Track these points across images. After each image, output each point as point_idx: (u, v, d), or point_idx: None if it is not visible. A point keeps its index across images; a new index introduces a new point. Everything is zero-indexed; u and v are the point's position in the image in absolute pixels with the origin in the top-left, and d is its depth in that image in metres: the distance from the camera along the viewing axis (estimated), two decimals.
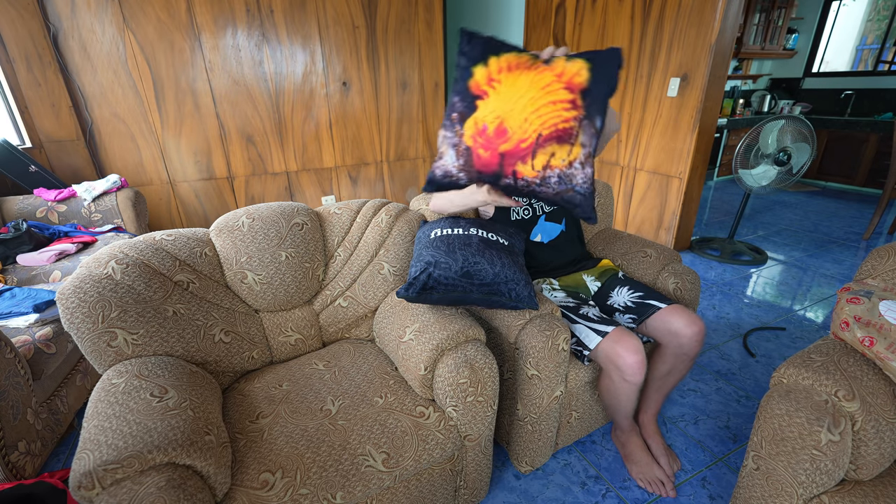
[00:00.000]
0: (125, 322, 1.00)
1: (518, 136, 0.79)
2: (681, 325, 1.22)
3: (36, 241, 1.93)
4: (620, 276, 1.44)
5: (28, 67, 2.32)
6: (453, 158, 0.84)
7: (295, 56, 2.91)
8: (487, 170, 0.83)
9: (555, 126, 0.78)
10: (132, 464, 0.73)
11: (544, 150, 0.79)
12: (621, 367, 1.15)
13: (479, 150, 0.82)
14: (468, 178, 0.85)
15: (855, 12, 4.71)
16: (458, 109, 0.84)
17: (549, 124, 0.78)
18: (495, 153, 0.81)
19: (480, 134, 0.82)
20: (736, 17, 2.39)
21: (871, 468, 0.84)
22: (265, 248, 1.24)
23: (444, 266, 1.14)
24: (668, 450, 1.37)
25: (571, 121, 0.78)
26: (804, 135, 2.49)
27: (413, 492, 1.03)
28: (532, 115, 0.79)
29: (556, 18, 3.28)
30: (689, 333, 1.21)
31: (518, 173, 0.82)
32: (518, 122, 0.79)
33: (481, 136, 0.81)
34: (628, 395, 1.22)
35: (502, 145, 0.81)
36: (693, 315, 1.24)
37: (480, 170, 0.84)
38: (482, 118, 0.82)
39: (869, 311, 0.94)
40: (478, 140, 0.82)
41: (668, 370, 1.30)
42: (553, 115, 0.78)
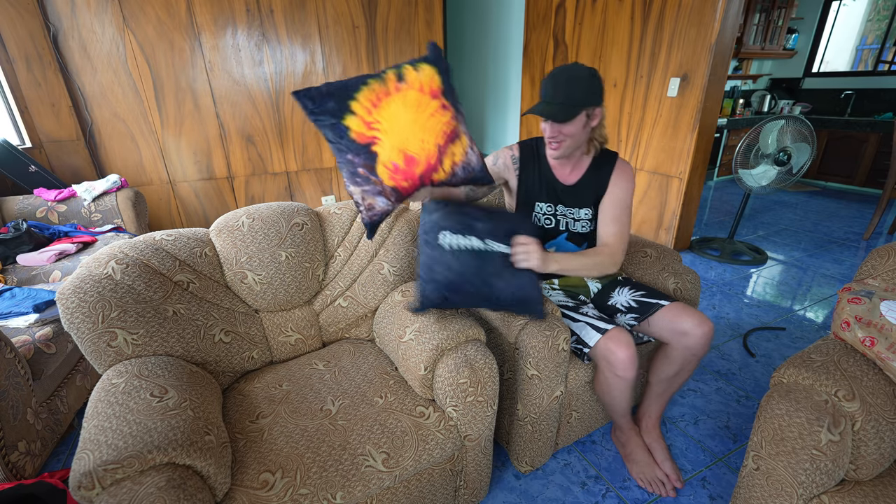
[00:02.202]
0: (125, 322, 1.00)
1: (425, 156, 0.89)
2: (690, 324, 1.20)
3: (36, 241, 1.93)
4: (620, 277, 1.44)
5: (28, 67, 2.32)
6: (385, 202, 0.93)
7: (295, 56, 2.91)
8: (412, 191, 0.95)
9: (444, 133, 0.89)
10: (132, 464, 0.73)
11: (447, 154, 0.90)
12: (613, 362, 1.16)
13: (402, 183, 0.91)
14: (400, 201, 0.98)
15: (855, 12, 4.71)
16: (360, 164, 0.89)
17: (440, 133, 0.88)
18: (415, 179, 0.91)
19: (395, 172, 0.89)
20: (736, 17, 2.39)
21: (871, 468, 0.84)
22: (265, 248, 1.24)
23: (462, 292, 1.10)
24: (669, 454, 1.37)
25: (451, 121, 0.89)
26: (804, 135, 2.49)
27: (413, 492, 1.03)
28: (425, 134, 0.87)
29: (556, 18, 3.28)
30: (699, 333, 1.20)
31: (435, 180, 0.93)
32: (417, 145, 0.88)
33: (397, 174, 0.89)
34: (622, 391, 1.22)
35: (417, 170, 0.90)
36: (702, 315, 1.22)
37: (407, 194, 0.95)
38: (388, 159, 0.88)
39: (870, 312, 0.94)
40: (396, 178, 0.90)
41: (675, 371, 1.28)
42: (438, 125, 0.88)
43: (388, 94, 0.87)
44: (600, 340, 1.18)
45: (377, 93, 0.87)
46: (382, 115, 0.86)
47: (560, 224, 1.37)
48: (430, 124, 0.87)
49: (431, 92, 0.87)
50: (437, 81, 0.88)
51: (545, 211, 1.37)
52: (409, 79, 0.87)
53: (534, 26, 3.49)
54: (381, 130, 0.86)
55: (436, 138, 0.88)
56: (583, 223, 1.36)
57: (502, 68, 4.34)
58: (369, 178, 0.89)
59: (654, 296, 1.31)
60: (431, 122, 0.87)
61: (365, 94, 0.86)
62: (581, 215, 1.35)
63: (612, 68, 2.95)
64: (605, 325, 1.20)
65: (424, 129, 0.87)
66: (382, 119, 0.86)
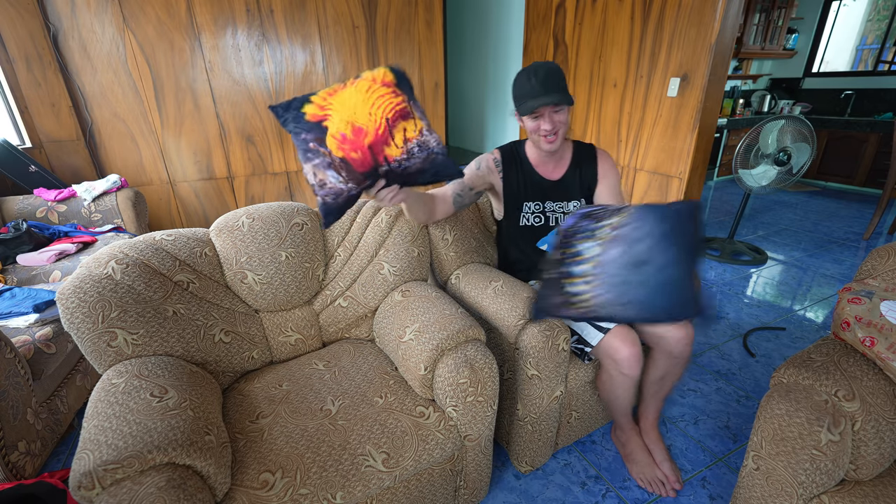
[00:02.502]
0: (125, 322, 1.00)
1: (372, 126, 0.92)
2: (668, 327, 1.21)
3: (36, 241, 1.93)
4: None
5: (28, 67, 2.32)
6: (336, 176, 0.93)
7: (295, 56, 2.91)
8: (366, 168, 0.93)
9: (394, 109, 0.92)
10: (132, 464, 0.73)
11: (397, 128, 0.92)
12: (618, 360, 1.16)
13: (351, 154, 0.92)
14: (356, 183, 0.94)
15: (855, 12, 4.71)
16: (311, 139, 0.94)
17: (389, 109, 0.92)
18: (364, 149, 0.92)
19: (343, 142, 0.92)
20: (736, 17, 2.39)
21: (871, 468, 0.84)
22: (265, 248, 1.24)
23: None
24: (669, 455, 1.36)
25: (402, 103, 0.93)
26: (804, 135, 2.48)
27: (413, 492, 1.03)
28: (372, 108, 0.92)
29: (556, 18, 3.28)
30: (676, 338, 1.20)
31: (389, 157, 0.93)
32: (365, 117, 0.92)
33: (345, 143, 0.92)
34: (625, 389, 1.22)
35: (365, 139, 0.92)
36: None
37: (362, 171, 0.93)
38: (336, 131, 0.92)
39: (870, 312, 0.94)
40: (344, 147, 0.92)
41: (661, 375, 1.29)
42: (388, 102, 0.92)
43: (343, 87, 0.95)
44: (604, 338, 1.18)
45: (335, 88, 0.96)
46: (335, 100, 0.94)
47: (549, 220, 1.39)
48: (378, 101, 0.92)
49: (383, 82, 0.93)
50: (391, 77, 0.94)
51: (533, 210, 1.39)
52: (363, 75, 0.96)
53: (534, 26, 3.49)
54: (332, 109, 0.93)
55: (384, 112, 0.92)
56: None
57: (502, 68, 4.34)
58: (318, 150, 0.93)
59: None
60: (380, 100, 0.92)
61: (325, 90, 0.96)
62: (570, 208, 1.39)
63: (612, 68, 2.95)
64: (607, 323, 1.20)
65: (373, 105, 0.92)
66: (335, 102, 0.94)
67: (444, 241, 1.45)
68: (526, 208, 1.39)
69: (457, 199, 1.33)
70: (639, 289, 0.91)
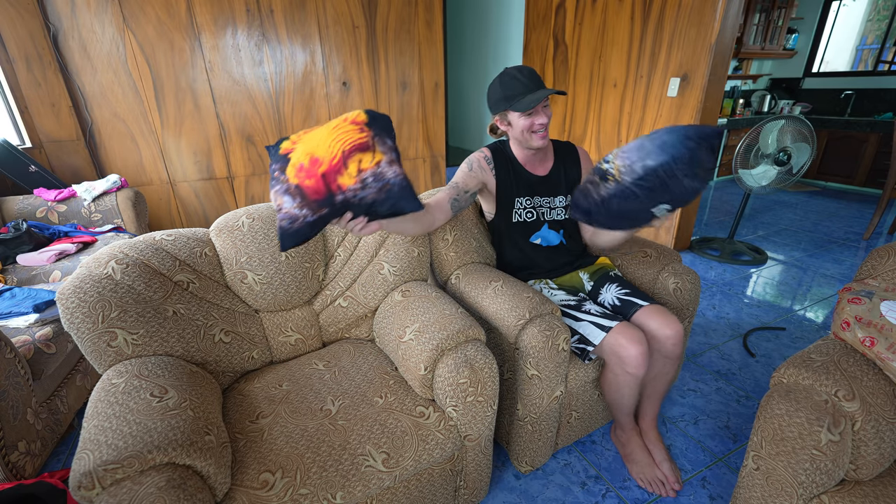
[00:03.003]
0: (125, 322, 1.00)
1: (328, 157, 0.95)
2: (656, 325, 1.23)
3: (36, 241, 1.93)
4: (612, 274, 1.45)
5: (28, 67, 2.32)
6: (291, 202, 0.97)
7: (295, 56, 2.91)
8: (320, 195, 0.96)
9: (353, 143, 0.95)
10: (132, 464, 0.73)
11: (352, 158, 0.95)
12: (624, 358, 1.16)
13: (305, 181, 0.96)
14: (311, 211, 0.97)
15: (855, 12, 4.71)
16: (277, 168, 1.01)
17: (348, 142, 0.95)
18: (318, 178, 0.95)
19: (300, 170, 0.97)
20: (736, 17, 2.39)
21: (871, 468, 0.84)
22: (265, 248, 1.24)
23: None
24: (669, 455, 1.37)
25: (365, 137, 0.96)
26: (804, 135, 2.48)
27: (413, 492, 1.03)
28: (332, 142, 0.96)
29: (556, 18, 3.28)
30: (664, 335, 1.22)
31: (342, 185, 0.96)
32: (324, 149, 0.96)
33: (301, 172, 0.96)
34: (630, 388, 1.22)
35: (320, 169, 0.95)
36: (669, 316, 1.24)
37: (315, 198, 0.97)
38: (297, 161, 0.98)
39: (870, 312, 0.94)
40: (300, 175, 0.96)
41: (653, 374, 1.30)
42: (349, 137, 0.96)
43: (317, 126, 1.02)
44: (609, 336, 1.18)
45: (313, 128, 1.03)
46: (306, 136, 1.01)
47: (540, 215, 1.43)
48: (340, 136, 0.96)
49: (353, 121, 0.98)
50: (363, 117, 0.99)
51: (525, 205, 1.42)
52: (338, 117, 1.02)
53: (534, 26, 3.49)
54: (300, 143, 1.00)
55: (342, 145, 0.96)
56: (558, 211, 1.43)
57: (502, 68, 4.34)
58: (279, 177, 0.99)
59: (637, 295, 1.32)
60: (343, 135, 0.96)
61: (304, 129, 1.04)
62: (556, 203, 1.43)
63: (612, 68, 2.95)
64: (610, 321, 1.21)
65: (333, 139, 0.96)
66: (305, 137, 1.00)
67: (444, 241, 1.45)
68: (518, 204, 1.41)
69: (454, 203, 1.34)
70: (656, 144, 1.01)
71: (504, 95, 1.26)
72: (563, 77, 3.36)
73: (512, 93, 1.25)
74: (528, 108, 1.22)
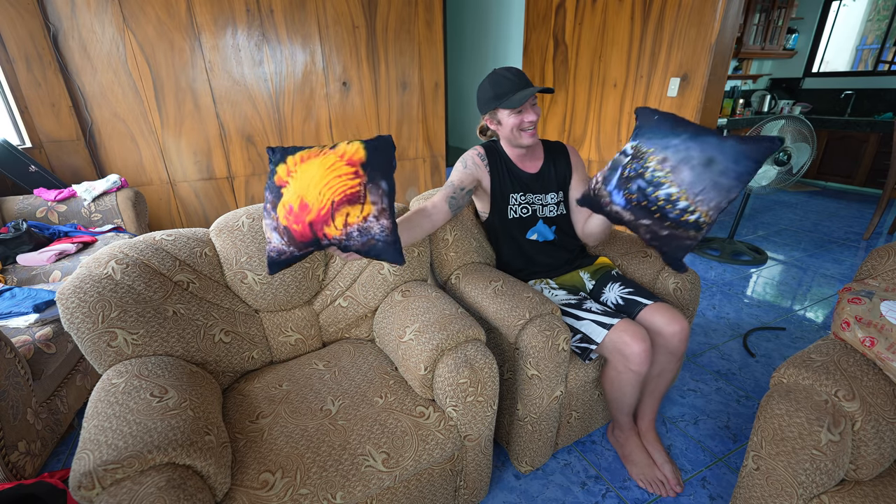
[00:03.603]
0: (125, 322, 1.00)
1: (317, 206, 0.97)
2: (663, 322, 1.24)
3: (36, 241, 1.93)
4: (614, 273, 1.45)
5: (28, 67, 2.32)
6: (279, 239, 1.01)
7: (295, 56, 2.91)
8: (305, 239, 1.00)
9: (343, 193, 0.96)
10: (132, 464, 0.73)
11: (340, 212, 0.96)
12: (627, 355, 1.16)
13: (293, 225, 0.99)
14: (298, 249, 1.01)
15: (855, 12, 4.71)
16: (270, 200, 1.02)
17: (339, 192, 0.96)
18: (305, 225, 0.98)
19: (290, 213, 0.99)
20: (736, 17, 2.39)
21: (871, 468, 0.84)
22: (265, 249, 1.24)
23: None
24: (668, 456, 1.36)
25: (357, 186, 0.96)
26: (804, 135, 2.49)
27: (413, 492, 1.03)
28: (324, 188, 0.96)
29: (556, 18, 3.28)
30: (670, 332, 1.22)
31: (328, 235, 0.98)
32: (314, 196, 0.97)
33: (290, 215, 0.98)
34: (632, 386, 1.22)
35: (307, 217, 0.97)
36: (675, 313, 1.25)
37: (301, 241, 1.00)
38: (287, 201, 0.99)
39: (870, 312, 0.94)
40: (289, 218, 0.99)
41: (657, 372, 1.30)
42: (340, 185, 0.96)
43: (316, 155, 1.00)
44: (613, 333, 1.18)
45: (311, 154, 1.01)
46: (301, 168, 1.00)
47: (535, 211, 1.44)
48: (332, 182, 0.96)
49: (349, 160, 0.97)
50: (361, 155, 0.98)
51: (520, 201, 1.43)
52: (337, 148, 1.00)
53: (534, 26, 3.49)
54: (293, 178, 1.00)
55: (332, 195, 0.96)
56: (550, 207, 1.44)
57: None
58: (271, 213, 1.02)
59: (641, 294, 1.33)
60: (335, 181, 0.96)
61: (303, 153, 1.02)
62: (548, 200, 1.44)
63: (612, 68, 2.96)
64: (611, 319, 1.21)
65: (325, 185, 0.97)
66: (300, 171, 1.00)
67: (444, 242, 1.45)
68: (513, 200, 1.42)
69: (451, 202, 1.35)
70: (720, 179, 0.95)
71: (494, 94, 1.28)
72: (563, 77, 3.36)
73: (502, 91, 1.27)
74: (518, 104, 1.23)
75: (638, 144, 1.04)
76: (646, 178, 1.01)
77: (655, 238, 1.04)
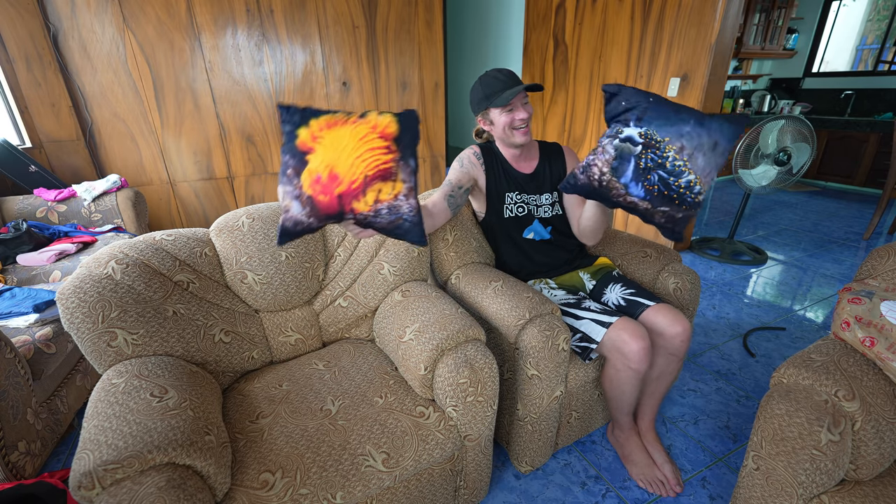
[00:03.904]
0: (125, 322, 1.00)
1: (349, 178, 0.93)
2: (665, 323, 1.23)
3: (36, 241, 1.93)
4: (615, 273, 1.45)
5: (28, 67, 2.32)
6: (299, 209, 0.95)
7: (295, 56, 2.91)
8: (330, 211, 0.95)
9: (377, 167, 0.93)
10: (132, 464, 0.73)
11: (372, 187, 0.93)
12: (626, 353, 1.16)
13: (319, 196, 0.94)
14: (318, 220, 0.97)
15: (855, 12, 4.71)
16: (292, 166, 0.95)
17: (372, 166, 0.93)
18: (333, 196, 0.93)
19: (316, 182, 0.93)
20: (736, 17, 2.39)
21: (871, 468, 0.84)
22: (265, 248, 1.24)
23: None
24: (669, 456, 1.36)
25: (390, 162, 0.93)
26: (804, 135, 2.48)
27: (413, 492, 1.03)
28: (357, 160, 0.93)
29: (556, 18, 3.28)
30: (673, 333, 1.22)
31: (355, 210, 0.95)
32: (346, 167, 0.93)
33: (318, 184, 0.93)
34: (632, 385, 1.22)
35: (337, 188, 0.93)
36: (678, 314, 1.25)
37: (326, 213, 0.95)
38: (315, 169, 0.94)
39: (870, 312, 0.94)
40: (315, 188, 0.94)
41: (657, 373, 1.30)
42: (374, 159, 0.93)
43: (344, 122, 0.95)
44: (610, 332, 1.19)
45: (337, 119, 0.96)
46: (329, 135, 0.94)
47: (531, 210, 1.44)
48: (365, 155, 0.93)
49: (382, 133, 0.94)
50: (393, 129, 0.94)
51: (516, 200, 1.43)
52: (368, 118, 0.96)
53: (534, 26, 3.49)
54: (320, 144, 0.94)
55: (366, 169, 0.93)
56: (545, 208, 1.45)
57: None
58: (293, 179, 0.95)
59: (642, 295, 1.33)
60: (368, 154, 0.93)
61: (327, 117, 0.96)
62: (543, 201, 1.44)
63: (612, 68, 2.95)
64: (610, 317, 1.21)
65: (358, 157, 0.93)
66: (327, 137, 0.94)
67: (444, 242, 1.45)
68: (508, 199, 1.43)
69: (450, 200, 1.35)
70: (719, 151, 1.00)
71: (485, 94, 1.29)
72: (563, 77, 3.36)
73: (492, 90, 1.28)
74: (506, 101, 1.24)
75: (649, 132, 1.02)
76: (667, 168, 1.01)
77: (670, 220, 1.04)
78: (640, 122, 1.03)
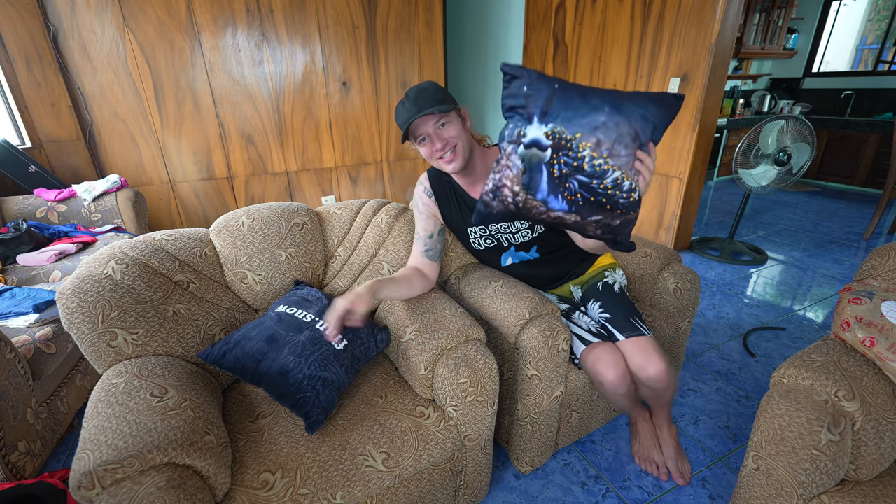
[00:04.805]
0: (125, 322, 1.00)
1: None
2: (637, 365, 1.16)
3: (36, 241, 1.93)
4: (600, 286, 1.33)
5: (28, 67, 2.32)
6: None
7: (295, 56, 2.91)
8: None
9: None
10: (132, 464, 0.73)
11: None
12: (601, 381, 1.17)
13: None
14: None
15: (855, 12, 4.71)
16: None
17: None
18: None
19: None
20: (736, 17, 2.39)
21: (871, 468, 0.84)
22: (265, 248, 1.24)
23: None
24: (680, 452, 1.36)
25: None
26: (804, 135, 2.48)
27: (413, 492, 1.03)
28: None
29: (556, 18, 3.28)
30: (644, 377, 1.16)
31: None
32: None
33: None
34: (616, 397, 1.22)
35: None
36: (651, 353, 1.15)
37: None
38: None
39: (870, 312, 0.94)
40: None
41: (649, 395, 1.25)
42: None
43: None
44: (587, 354, 1.19)
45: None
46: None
47: (502, 241, 1.30)
48: None
49: None
50: None
51: (480, 234, 1.31)
52: None
53: (534, 26, 3.49)
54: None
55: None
56: (522, 233, 1.28)
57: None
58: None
59: (616, 324, 1.23)
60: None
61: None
62: (517, 226, 1.27)
63: (612, 68, 2.95)
64: (591, 337, 1.21)
65: None
66: None
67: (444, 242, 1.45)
68: (472, 233, 1.31)
69: (429, 254, 1.28)
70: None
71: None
72: (563, 77, 3.36)
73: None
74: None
75: (557, 129, 0.84)
76: (585, 170, 0.84)
77: (608, 230, 0.92)
78: (546, 117, 0.84)
